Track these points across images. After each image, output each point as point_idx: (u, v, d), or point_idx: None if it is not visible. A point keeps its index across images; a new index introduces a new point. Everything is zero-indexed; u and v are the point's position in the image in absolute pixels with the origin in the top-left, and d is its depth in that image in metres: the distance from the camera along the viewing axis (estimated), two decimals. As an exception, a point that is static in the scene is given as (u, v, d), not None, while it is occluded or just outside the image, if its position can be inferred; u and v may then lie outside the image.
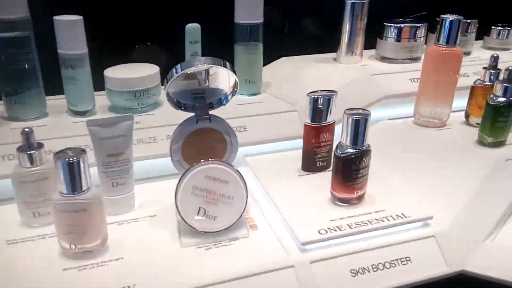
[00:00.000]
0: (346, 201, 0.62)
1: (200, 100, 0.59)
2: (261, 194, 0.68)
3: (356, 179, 0.61)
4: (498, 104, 0.74)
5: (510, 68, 0.74)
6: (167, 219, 0.61)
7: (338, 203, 0.63)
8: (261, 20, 0.82)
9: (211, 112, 0.63)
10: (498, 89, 0.74)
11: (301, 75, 0.90)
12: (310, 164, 0.71)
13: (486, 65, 0.83)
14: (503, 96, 0.74)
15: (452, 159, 0.74)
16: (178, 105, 0.60)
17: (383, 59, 0.96)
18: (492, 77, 0.81)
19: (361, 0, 0.89)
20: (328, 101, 0.68)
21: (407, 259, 0.57)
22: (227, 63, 0.58)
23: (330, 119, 0.69)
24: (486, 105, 0.76)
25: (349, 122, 0.59)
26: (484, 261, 0.58)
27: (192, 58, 0.58)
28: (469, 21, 0.99)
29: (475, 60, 0.99)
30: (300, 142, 0.72)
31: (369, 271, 0.55)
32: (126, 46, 0.90)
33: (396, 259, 0.56)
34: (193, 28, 0.78)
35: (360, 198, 0.63)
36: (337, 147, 0.61)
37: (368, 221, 0.59)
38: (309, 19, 1.04)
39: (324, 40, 1.01)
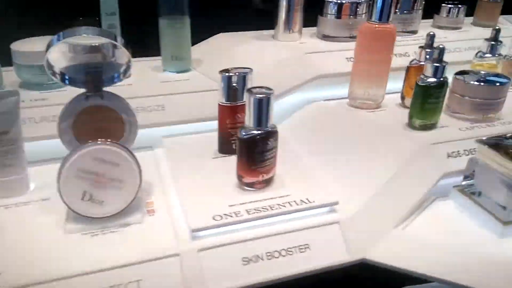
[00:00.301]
0: (252, 185, 0.59)
1: (91, 76, 0.55)
2: (170, 177, 0.65)
3: (261, 162, 0.58)
4: (428, 84, 0.71)
5: (441, 46, 0.70)
6: (60, 203, 0.57)
7: (244, 187, 0.60)
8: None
9: (111, 90, 0.59)
10: (428, 69, 0.71)
11: (235, 52, 0.86)
12: (226, 146, 0.68)
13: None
14: (433, 76, 0.71)
15: (377, 143, 0.71)
16: (63, 79, 0.56)
17: (324, 37, 0.92)
18: (428, 56, 0.78)
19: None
20: (243, 79, 0.64)
21: (306, 246, 0.54)
22: (118, 37, 0.54)
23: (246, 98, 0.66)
24: (415, 85, 0.72)
25: (252, 102, 0.55)
26: (389, 250, 0.56)
27: (86, 28, 0.54)
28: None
29: (420, 39, 0.95)
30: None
31: (262, 259, 0.52)
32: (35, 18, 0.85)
33: (294, 247, 0.54)
34: (108, -2, 0.73)
35: (267, 182, 0.60)
36: (241, 129, 0.57)
37: (270, 206, 0.56)
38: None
39: (267, 16, 0.96)
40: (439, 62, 0.70)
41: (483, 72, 0.79)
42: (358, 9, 0.89)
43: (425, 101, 0.72)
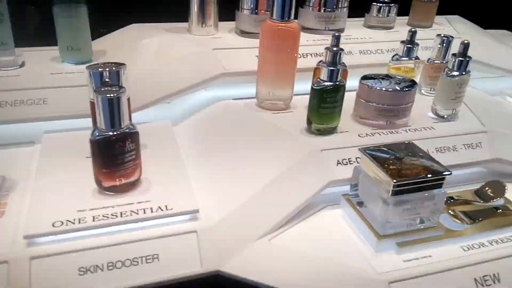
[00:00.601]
0: (112, 189, 0.56)
1: None
2: (34, 176, 0.61)
3: (118, 165, 0.54)
4: (322, 88, 0.68)
5: (334, 49, 0.67)
6: None
7: (104, 191, 0.56)
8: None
9: None
10: (323, 72, 0.68)
11: (141, 45, 0.82)
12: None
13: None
14: (329, 80, 0.68)
15: (268, 147, 0.68)
16: None
17: (242, 33, 0.88)
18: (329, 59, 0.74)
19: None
20: (117, 75, 0.61)
21: (155, 256, 0.51)
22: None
23: (122, 95, 0.62)
24: (311, 89, 0.69)
25: (100, 102, 0.51)
26: (247, 262, 0.53)
27: None
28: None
29: (350, 38, 0.91)
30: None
31: (102, 270, 0.49)
32: None
33: (140, 257, 0.51)
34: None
35: (133, 186, 0.57)
36: (93, 130, 0.54)
37: (121, 213, 0.53)
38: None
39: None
40: (333, 65, 0.67)
41: (392, 77, 0.76)
42: (274, 4, 0.85)
43: (320, 105, 0.68)
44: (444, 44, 0.82)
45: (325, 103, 0.68)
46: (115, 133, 0.52)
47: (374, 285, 0.53)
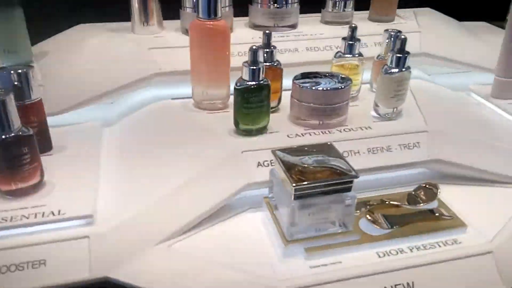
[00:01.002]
0: (9, 193, 0.55)
1: None
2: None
3: (10, 169, 0.54)
4: (244, 87, 0.66)
5: (254, 47, 0.64)
6: None
7: (4, 195, 0.56)
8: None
9: None
10: (244, 71, 0.65)
11: (82, 45, 0.82)
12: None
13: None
14: (251, 80, 0.65)
15: (189, 149, 0.66)
16: None
17: (187, 31, 0.86)
18: (265, 56, 0.72)
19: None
20: (26, 77, 0.60)
21: (42, 262, 0.51)
22: None
23: (35, 96, 0.62)
24: (234, 89, 0.67)
25: (-14, 106, 0.51)
26: (140, 269, 0.52)
27: None
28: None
29: (300, 34, 0.88)
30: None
31: (-15, 274, 0.49)
32: None
33: (27, 262, 0.50)
34: None
35: (29, 190, 0.56)
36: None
37: (12, 217, 0.52)
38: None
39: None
40: (254, 65, 0.65)
41: (328, 75, 0.73)
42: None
43: (243, 105, 0.66)
44: (392, 39, 0.79)
45: (248, 103, 0.66)
46: (3, 137, 0.52)
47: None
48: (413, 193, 0.66)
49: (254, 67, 0.64)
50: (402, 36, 0.70)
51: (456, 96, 0.87)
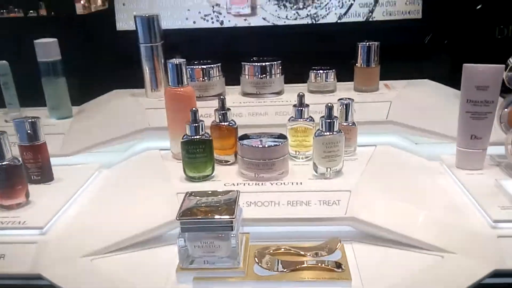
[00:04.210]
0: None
1: None
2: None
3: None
4: (186, 140, 0.80)
5: (194, 109, 0.79)
6: None
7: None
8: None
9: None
10: (187, 128, 0.80)
11: (104, 106, 1.06)
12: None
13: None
14: (194, 135, 0.80)
15: (145, 188, 0.82)
16: None
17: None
18: (220, 117, 0.86)
19: (156, 43, 1.02)
20: (35, 125, 0.83)
21: (1, 256, 0.69)
22: None
23: (41, 140, 0.85)
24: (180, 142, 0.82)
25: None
26: (64, 273, 0.67)
27: None
28: (270, 63, 1.01)
29: (279, 100, 1.01)
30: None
31: None
32: None
33: (-8, 254, 0.70)
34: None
35: (12, 206, 0.76)
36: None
37: (-5, 222, 0.73)
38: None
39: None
40: (195, 122, 0.79)
41: (272, 135, 0.83)
42: (210, 73, 1.01)
43: (186, 155, 0.81)
44: (345, 107, 0.87)
45: (190, 154, 0.80)
46: (-1, 164, 0.75)
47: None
48: (321, 245, 0.71)
49: (196, 125, 0.79)
50: (329, 104, 0.78)
51: (421, 165, 0.89)
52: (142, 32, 1.01)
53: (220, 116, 0.86)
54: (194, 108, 0.80)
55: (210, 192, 0.71)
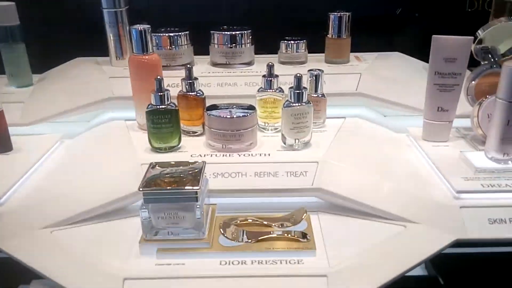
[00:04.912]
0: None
1: None
2: None
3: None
4: (151, 110, 0.78)
5: (159, 77, 0.77)
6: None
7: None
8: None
9: None
10: (152, 97, 0.77)
11: (66, 75, 1.02)
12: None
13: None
14: (159, 104, 0.77)
15: (108, 159, 0.79)
16: None
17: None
18: (187, 87, 0.84)
19: (120, 8, 0.98)
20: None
21: None
22: None
23: (-3, 109, 0.81)
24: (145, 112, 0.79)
25: None
26: (22, 245, 0.65)
27: None
28: (240, 32, 0.99)
29: (249, 71, 0.99)
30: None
31: None
32: None
33: None
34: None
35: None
36: None
37: None
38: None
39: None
40: (160, 92, 0.77)
41: (240, 106, 0.81)
42: (178, 41, 0.98)
43: (151, 126, 0.78)
44: (315, 78, 0.86)
45: (155, 124, 0.78)
46: None
47: (112, 280, 0.61)
48: (287, 216, 0.71)
49: (160, 94, 0.77)
50: (298, 75, 0.77)
51: (389, 137, 0.90)
52: (105, -4, 0.96)
53: (187, 86, 0.84)
54: (159, 77, 0.77)
55: (174, 162, 0.70)
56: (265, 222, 0.70)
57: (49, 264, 0.63)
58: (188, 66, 0.83)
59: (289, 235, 0.66)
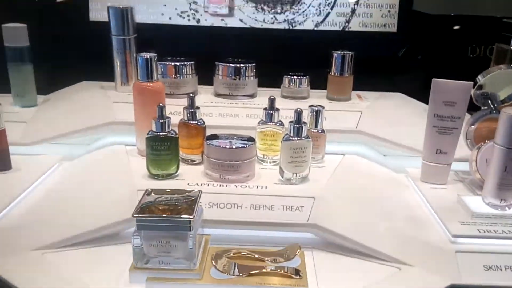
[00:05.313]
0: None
1: None
2: None
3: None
4: (151, 136, 0.78)
5: (161, 104, 0.78)
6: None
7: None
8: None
9: None
10: (153, 124, 0.78)
11: (71, 97, 1.04)
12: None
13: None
14: (159, 131, 0.78)
15: (104, 183, 0.79)
16: None
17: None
18: (188, 116, 0.85)
19: (128, 36, 1.00)
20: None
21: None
22: None
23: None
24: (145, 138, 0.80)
25: None
26: (13, 266, 0.64)
27: None
28: (244, 65, 1.01)
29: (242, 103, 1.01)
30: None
31: None
32: None
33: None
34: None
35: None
36: None
37: None
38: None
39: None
40: (162, 119, 0.78)
41: (239, 137, 0.82)
42: (183, 70, 1.00)
43: (150, 152, 0.79)
44: (315, 114, 0.86)
45: (155, 151, 0.78)
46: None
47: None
48: (281, 251, 0.70)
49: (162, 121, 0.78)
50: (298, 109, 0.77)
51: (387, 176, 0.90)
52: (114, 23, 0.99)
53: (188, 114, 0.84)
54: (161, 104, 0.78)
55: (170, 190, 0.70)
56: (258, 256, 0.69)
57: (37, 287, 0.62)
58: (191, 95, 0.85)
59: (282, 271, 0.66)
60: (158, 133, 0.78)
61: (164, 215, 0.62)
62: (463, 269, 0.66)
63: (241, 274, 0.65)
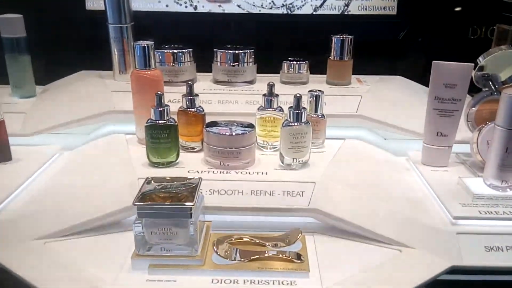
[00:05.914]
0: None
1: None
2: None
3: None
4: (150, 125, 0.78)
5: (159, 93, 0.77)
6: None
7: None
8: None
9: None
10: (152, 112, 0.78)
11: (69, 87, 1.03)
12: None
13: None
14: (158, 119, 0.78)
15: (105, 172, 0.79)
16: None
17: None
18: (187, 103, 0.84)
19: (125, 24, 0.99)
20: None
21: None
22: None
23: (-2, 119, 0.81)
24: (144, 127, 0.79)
25: None
26: (16, 255, 0.65)
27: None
28: (242, 51, 1.00)
29: (241, 89, 1.00)
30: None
31: None
32: None
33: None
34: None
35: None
36: None
37: None
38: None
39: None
40: (160, 106, 0.77)
41: (238, 124, 0.82)
42: (181, 58, 0.99)
43: (150, 140, 0.79)
44: (315, 99, 0.86)
45: (154, 139, 0.78)
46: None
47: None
48: (282, 236, 0.70)
49: (160, 109, 0.77)
50: (297, 95, 0.77)
51: (388, 160, 0.89)
52: (111, 11, 0.98)
53: (187, 102, 0.84)
54: (159, 92, 0.77)
55: (170, 178, 0.70)
56: (259, 241, 0.69)
57: (40, 276, 0.62)
58: (189, 82, 0.84)
59: (283, 255, 0.66)
60: (157, 121, 0.78)
61: (164, 203, 0.63)
62: (464, 251, 0.66)
63: (242, 259, 0.65)
